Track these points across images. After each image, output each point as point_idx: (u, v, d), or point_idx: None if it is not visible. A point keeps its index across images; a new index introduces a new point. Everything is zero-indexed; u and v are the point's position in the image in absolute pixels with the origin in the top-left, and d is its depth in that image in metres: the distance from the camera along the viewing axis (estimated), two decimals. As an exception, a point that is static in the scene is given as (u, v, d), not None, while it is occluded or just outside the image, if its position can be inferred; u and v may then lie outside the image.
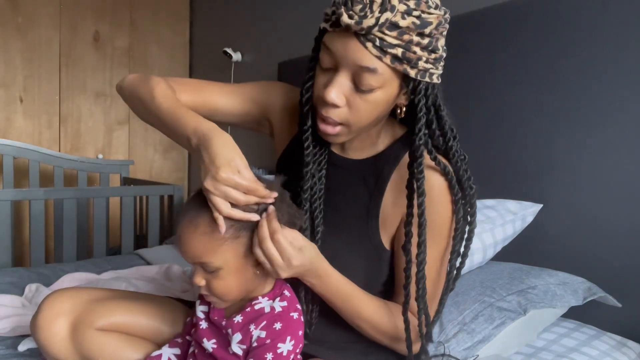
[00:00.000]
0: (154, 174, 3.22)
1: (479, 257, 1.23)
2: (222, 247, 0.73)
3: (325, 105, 0.76)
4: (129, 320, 0.92)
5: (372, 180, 0.86)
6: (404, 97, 0.79)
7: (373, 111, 0.76)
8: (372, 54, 0.70)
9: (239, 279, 0.76)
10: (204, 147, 0.72)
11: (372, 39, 0.69)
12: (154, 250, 2.06)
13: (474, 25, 1.49)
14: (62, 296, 0.92)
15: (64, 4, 2.84)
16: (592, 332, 1.16)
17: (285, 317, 0.76)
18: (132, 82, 0.90)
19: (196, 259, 0.74)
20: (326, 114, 0.76)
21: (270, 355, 0.73)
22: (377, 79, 0.72)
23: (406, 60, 0.71)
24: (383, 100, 0.75)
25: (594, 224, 1.25)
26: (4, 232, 1.90)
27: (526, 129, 1.38)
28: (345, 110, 0.75)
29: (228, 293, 0.76)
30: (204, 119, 0.77)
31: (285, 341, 0.74)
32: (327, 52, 0.74)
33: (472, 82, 1.49)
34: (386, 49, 0.69)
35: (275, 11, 2.53)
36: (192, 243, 0.74)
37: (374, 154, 0.88)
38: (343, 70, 0.73)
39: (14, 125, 2.74)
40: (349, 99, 0.74)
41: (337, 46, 0.72)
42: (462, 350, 1.01)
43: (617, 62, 1.21)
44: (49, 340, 0.88)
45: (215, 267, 0.73)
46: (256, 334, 0.75)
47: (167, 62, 3.21)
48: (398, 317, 0.84)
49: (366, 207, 0.86)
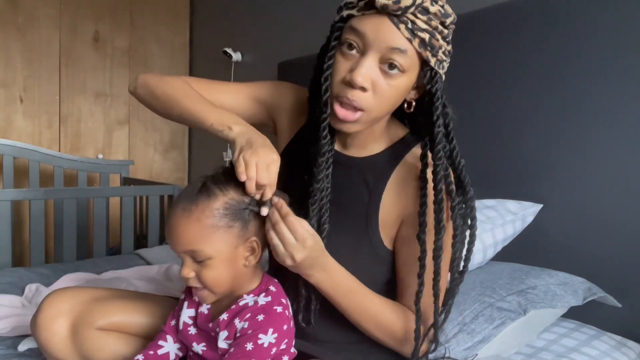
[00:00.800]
0: (154, 174, 3.22)
1: (479, 257, 1.23)
2: (215, 235, 0.73)
3: (350, 89, 0.76)
4: (129, 320, 0.92)
5: (372, 179, 0.87)
6: (414, 92, 0.82)
7: (393, 97, 0.79)
8: (404, 35, 0.73)
9: (230, 269, 0.76)
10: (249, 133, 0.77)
11: (404, 21, 0.72)
12: (154, 250, 2.06)
13: (474, 25, 1.48)
14: (62, 296, 0.92)
15: (64, 4, 2.83)
16: (592, 332, 1.16)
17: (268, 310, 0.76)
18: (148, 81, 0.92)
19: (187, 246, 0.74)
20: (352, 97, 0.76)
21: (250, 345, 0.72)
22: (405, 62, 0.74)
23: (430, 47, 0.75)
24: (404, 86, 0.78)
25: (594, 224, 1.25)
26: (4, 232, 1.90)
27: (526, 129, 1.38)
28: (370, 95, 0.77)
29: (218, 284, 0.76)
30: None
31: (267, 333, 0.73)
32: (355, 35, 0.75)
33: (471, 82, 1.49)
34: (416, 32, 0.73)
35: (275, 11, 2.53)
36: (184, 230, 0.74)
37: (374, 153, 0.89)
38: (371, 53, 0.75)
39: (14, 125, 2.74)
40: (375, 83, 0.76)
41: (368, 28, 0.74)
42: (462, 350, 1.01)
43: (617, 62, 1.21)
44: (49, 340, 0.89)
45: (206, 256, 0.74)
46: (240, 325, 0.75)
47: (167, 62, 3.21)
48: (402, 316, 0.84)
49: (366, 205, 0.87)
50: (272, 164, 0.74)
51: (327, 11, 2.13)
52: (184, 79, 0.93)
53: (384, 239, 0.87)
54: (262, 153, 0.73)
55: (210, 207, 0.74)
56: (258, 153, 0.73)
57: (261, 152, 0.73)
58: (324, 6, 2.14)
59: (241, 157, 0.73)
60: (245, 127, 0.80)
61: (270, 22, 2.58)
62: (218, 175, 0.77)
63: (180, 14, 3.24)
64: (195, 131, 3.28)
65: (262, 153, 0.73)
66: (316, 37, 0.92)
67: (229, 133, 0.78)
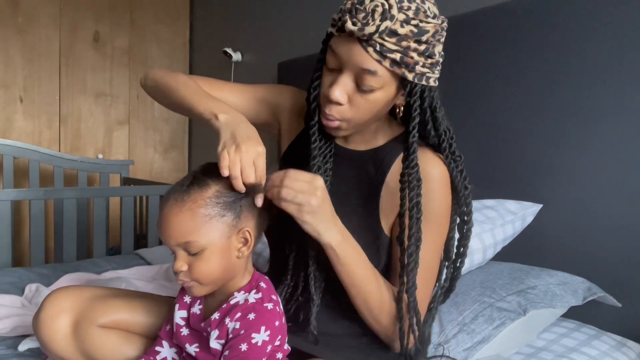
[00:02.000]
0: (154, 174, 3.22)
1: (479, 257, 1.23)
2: (208, 224, 0.74)
3: (329, 102, 0.82)
4: (130, 318, 0.93)
5: (373, 170, 0.91)
6: (402, 97, 0.84)
7: (372, 109, 0.82)
8: (373, 57, 0.76)
9: (222, 260, 0.76)
10: (234, 124, 0.78)
11: (373, 44, 0.75)
12: (154, 250, 2.06)
13: (474, 25, 1.49)
14: (64, 294, 0.93)
15: (64, 4, 2.84)
16: (592, 332, 1.16)
17: (259, 307, 0.76)
18: (156, 74, 0.97)
19: (181, 238, 0.74)
20: (329, 111, 0.82)
21: (245, 346, 0.72)
22: (377, 81, 0.78)
23: (404, 65, 0.77)
24: (382, 100, 0.81)
25: (594, 224, 1.25)
26: (4, 232, 1.90)
27: (526, 129, 1.38)
28: (347, 108, 0.81)
29: (210, 275, 0.76)
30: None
31: (260, 331, 0.73)
32: (333, 55, 0.80)
33: (472, 82, 1.50)
34: (385, 54, 0.75)
35: (275, 11, 2.53)
36: (177, 221, 0.74)
37: (375, 147, 0.93)
38: (347, 71, 0.79)
39: (14, 125, 2.74)
40: (351, 97, 0.80)
41: (341, 50, 0.78)
42: (462, 350, 1.01)
43: (617, 63, 1.21)
44: (51, 337, 0.90)
45: (199, 247, 0.74)
46: (231, 326, 0.75)
47: (167, 62, 3.21)
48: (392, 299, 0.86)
49: (367, 194, 0.90)
50: (258, 158, 0.75)
51: (327, 11, 2.13)
52: (191, 76, 0.97)
53: (384, 226, 0.90)
54: (245, 148, 0.74)
55: (203, 196, 0.74)
56: (241, 149, 0.74)
57: (244, 146, 0.74)
58: (324, 6, 2.14)
59: (225, 152, 0.74)
60: (232, 116, 0.80)
61: (270, 22, 2.58)
62: (208, 166, 0.78)
63: (180, 14, 3.24)
64: (195, 131, 3.28)
65: (245, 148, 0.74)
66: (316, 37, 0.93)
67: (214, 122, 0.80)
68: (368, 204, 0.90)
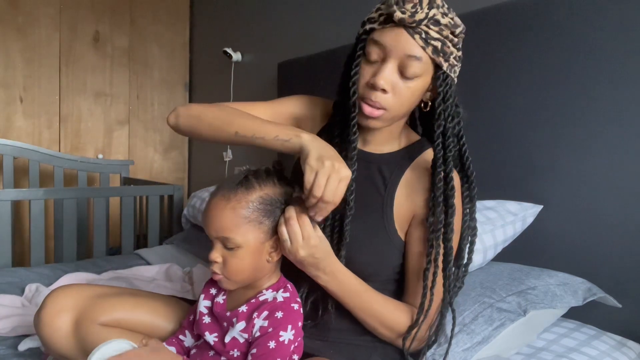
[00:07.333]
0: (154, 174, 3.23)
1: (479, 258, 1.23)
2: (246, 225, 0.79)
3: (374, 91, 0.86)
4: (131, 317, 0.94)
5: (388, 173, 0.95)
6: (429, 93, 0.90)
7: (410, 98, 0.87)
8: (419, 44, 0.82)
9: (253, 261, 0.80)
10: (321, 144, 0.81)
11: (419, 32, 0.81)
12: (154, 250, 2.06)
13: (474, 25, 1.48)
14: (65, 292, 0.95)
15: (64, 4, 2.84)
16: (592, 332, 1.16)
17: (287, 307, 0.80)
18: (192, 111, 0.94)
19: (220, 232, 0.79)
20: (375, 98, 0.85)
21: (273, 344, 0.76)
22: (420, 67, 0.83)
23: (442, 53, 0.84)
24: (420, 88, 0.87)
25: (594, 224, 1.25)
26: (4, 232, 1.90)
27: (526, 129, 1.38)
28: (390, 96, 0.86)
29: (240, 272, 0.80)
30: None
31: (287, 329, 0.77)
32: (376, 46, 0.85)
33: (472, 82, 1.49)
34: (429, 41, 0.82)
35: (275, 11, 2.53)
36: (220, 216, 0.79)
37: (391, 151, 0.97)
38: (391, 60, 0.84)
39: (14, 125, 2.74)
40: (394, 85, 0.85)
41: (387, 39, 0.83)
42: (462, 351, 1.01)
43: (618, 63, 1.21)
44: (52, 335, 0.91)
45: (236, 244, 0.78)
46: (259, 323, 0.78)
47: (167, 62, 3.21)
48: (407, 313, 0.90)
49: (382, 196, 0.94)
50: (343, 182, 0.77)
51: (327, 11, 2.13)
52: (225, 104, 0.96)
53: (398, 229, 0.93)
54: (338, 167, 0.76)
55: (247, 198, 0.79)
56: (334, 167, 0.76)
57: (337, 165, 0.76)
58: (323, 7, 2.13)
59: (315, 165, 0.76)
60: (312, 135, 0.83)
61: (270, 22, 2.58)
62: (260, 171, 0.83)
63: (180, 14, 3.24)
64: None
65: (338, 167, 0.76)
66: (316, 38, 0.94)
67: (297, 140, 0.81)
68: (382, 208, 0.93)
